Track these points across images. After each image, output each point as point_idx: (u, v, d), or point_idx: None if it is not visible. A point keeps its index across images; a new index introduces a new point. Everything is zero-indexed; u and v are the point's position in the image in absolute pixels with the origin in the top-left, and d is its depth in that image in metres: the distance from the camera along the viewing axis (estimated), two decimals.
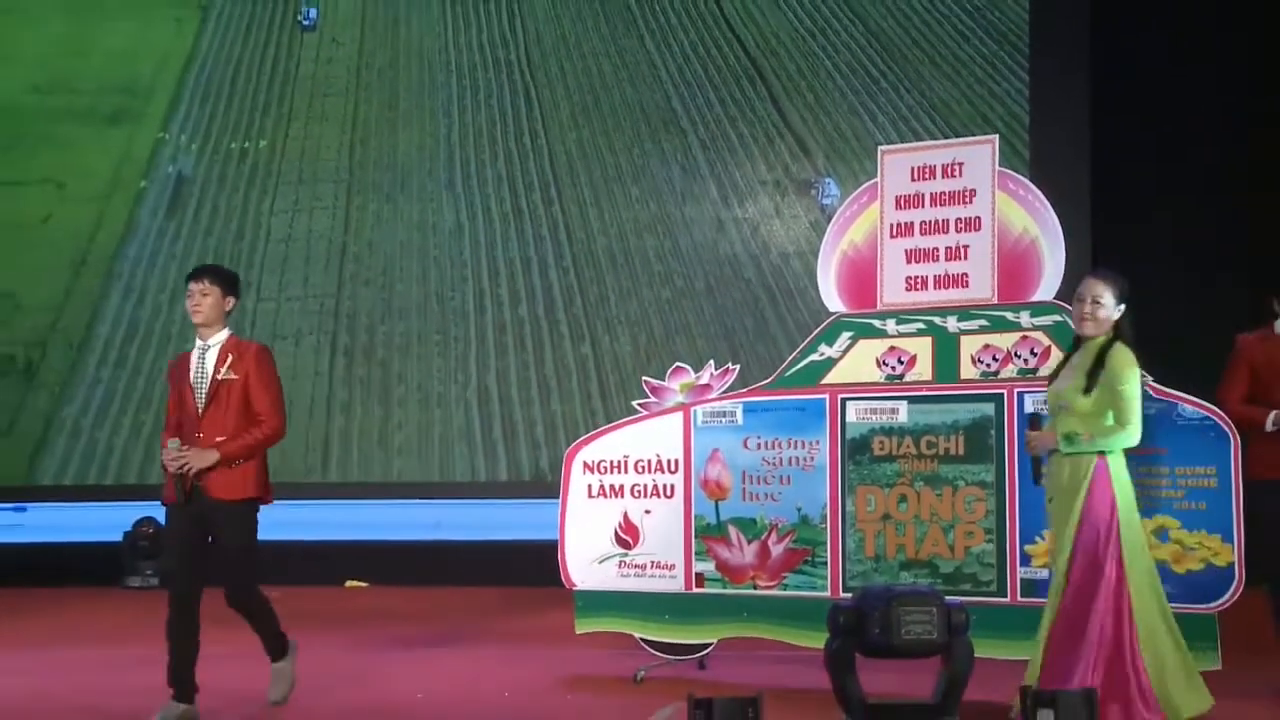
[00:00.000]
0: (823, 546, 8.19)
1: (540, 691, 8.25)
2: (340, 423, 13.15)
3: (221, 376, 7.35)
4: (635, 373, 12.61)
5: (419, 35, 13.72)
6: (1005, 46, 12.82)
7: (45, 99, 13.63)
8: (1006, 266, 7.75)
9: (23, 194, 13.58)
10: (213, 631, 7.45)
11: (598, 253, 13.16)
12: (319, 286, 13.33)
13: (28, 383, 13.28)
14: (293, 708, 8.08)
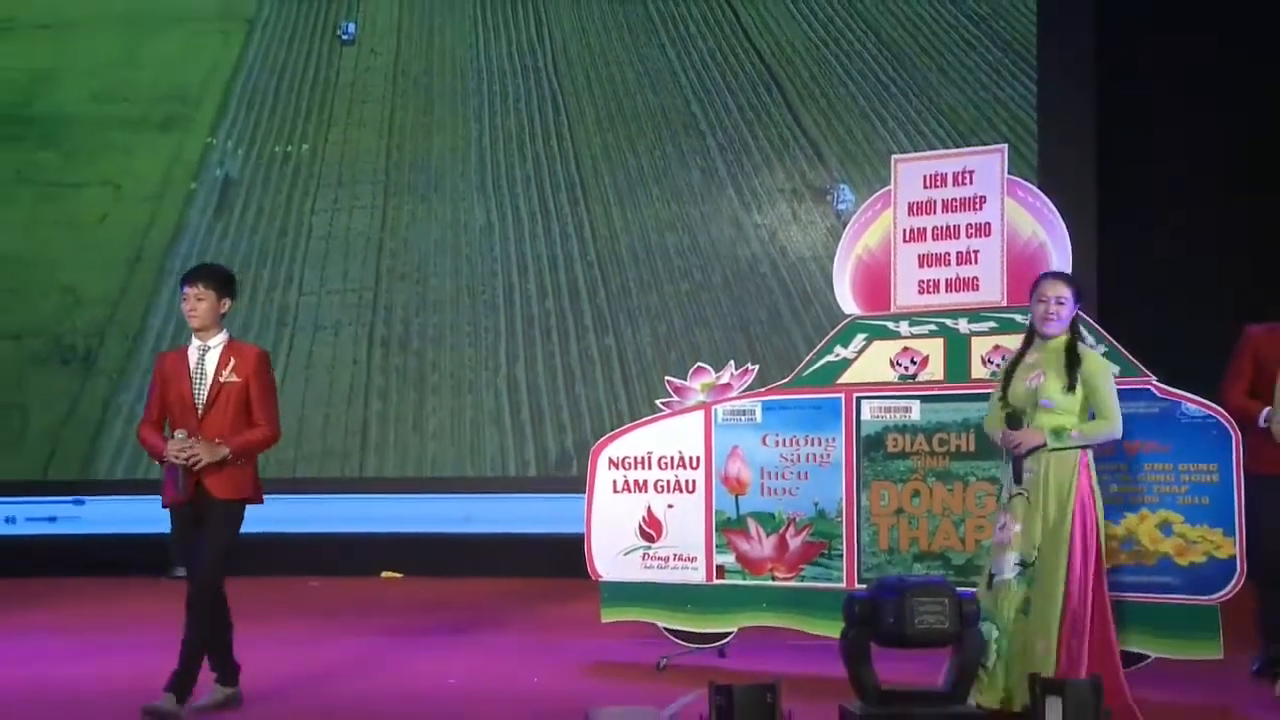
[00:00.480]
0: (839, 540, 8.19)
1: (567, 677, 8.27)
2: (377, 407, 13.28)
3: (224, 380, 7.21)
4: (655, 362, 12.83)
5: (452, 45, 13.76)
6: (1010, 55, 12.76)
7: (102, 108, 13.75)
8: (1015, 270, 7.72)
9: (82, 196, 13.73)
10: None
11: (620, 249, 13.21)
12: (357, 281, 13.44)
13: (87, 369, 13.46)
14: (331, 692, 8.11)
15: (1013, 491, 6.75)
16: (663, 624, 8.59)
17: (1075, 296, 6.90)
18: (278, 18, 13.76)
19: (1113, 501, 7.40)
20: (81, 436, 13.40)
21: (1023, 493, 6.70)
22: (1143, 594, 7.38)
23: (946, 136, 12.66)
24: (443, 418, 13.19)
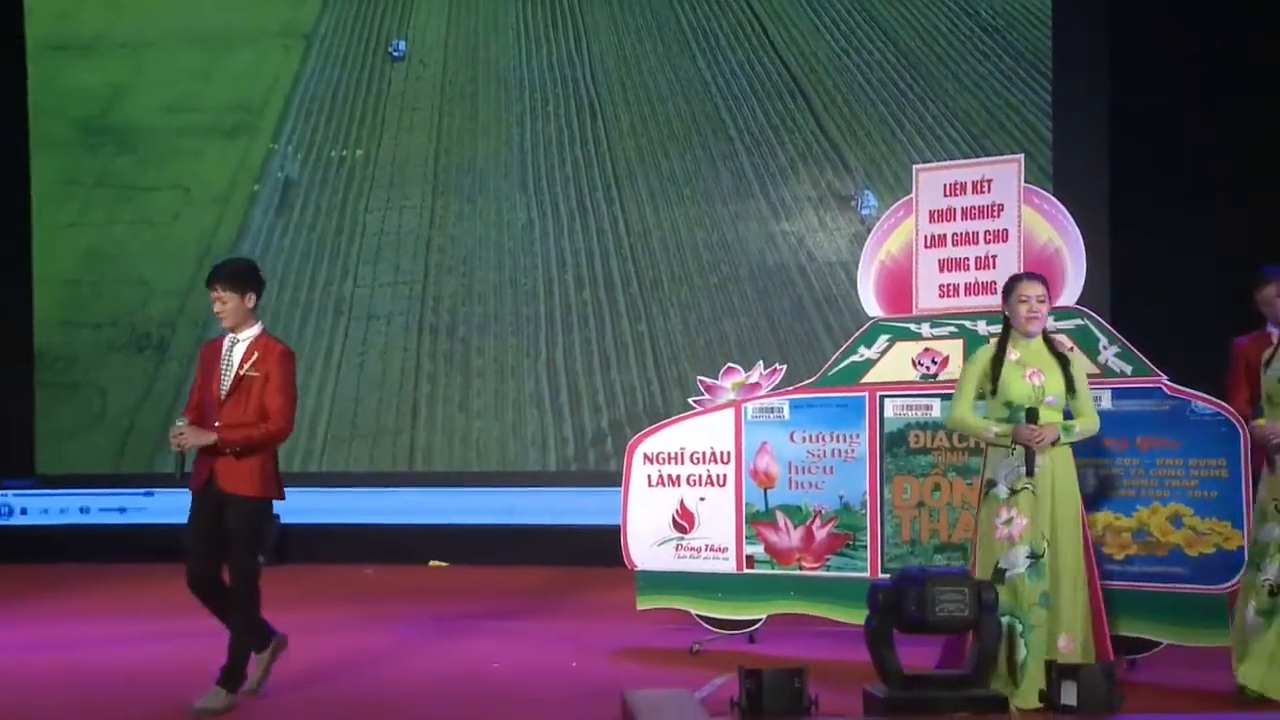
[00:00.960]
0: (863, 531, 8.18)
1: (604, 662, 8.29)
2: (426, 390, 13.58)
3: (244, 372, 7.11)
4: (685, 348, 13.10)
5: (496, 57, 13.93)
6: (1022, 63, 12.82)
7: (175, 117, 14.15)
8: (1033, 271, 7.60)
9: (156, 198, 14.17)
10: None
11: (653, 245, 13.39)
12: (408, 274, 13.73)
13: (160, 356, 13.88)
14: (381, 674, 8.16)
15: (1017, 485, 6.66)
16: (695, 611, 8.59)
17: (1049, 294, 6.92)
18: (334, 34, 14.04)
19: (1125, 495, 7.44)
20: (155, 418, 13.69)
21: (1029, 486, 6.63)
22: (1154, 583, 7.35)
23: (962, 141, 12.75)
24: (487, 399, 13.47)
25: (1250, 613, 6.67)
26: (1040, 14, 12.82)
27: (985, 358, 6.91)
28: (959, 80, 12.97)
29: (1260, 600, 6.64)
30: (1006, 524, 6.68)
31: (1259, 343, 7.71)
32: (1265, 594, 6.64)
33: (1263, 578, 6.66)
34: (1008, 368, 6.79)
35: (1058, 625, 6.56)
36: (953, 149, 12.73)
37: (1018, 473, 6.68)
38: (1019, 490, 6.67)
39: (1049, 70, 12.74)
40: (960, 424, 7.00)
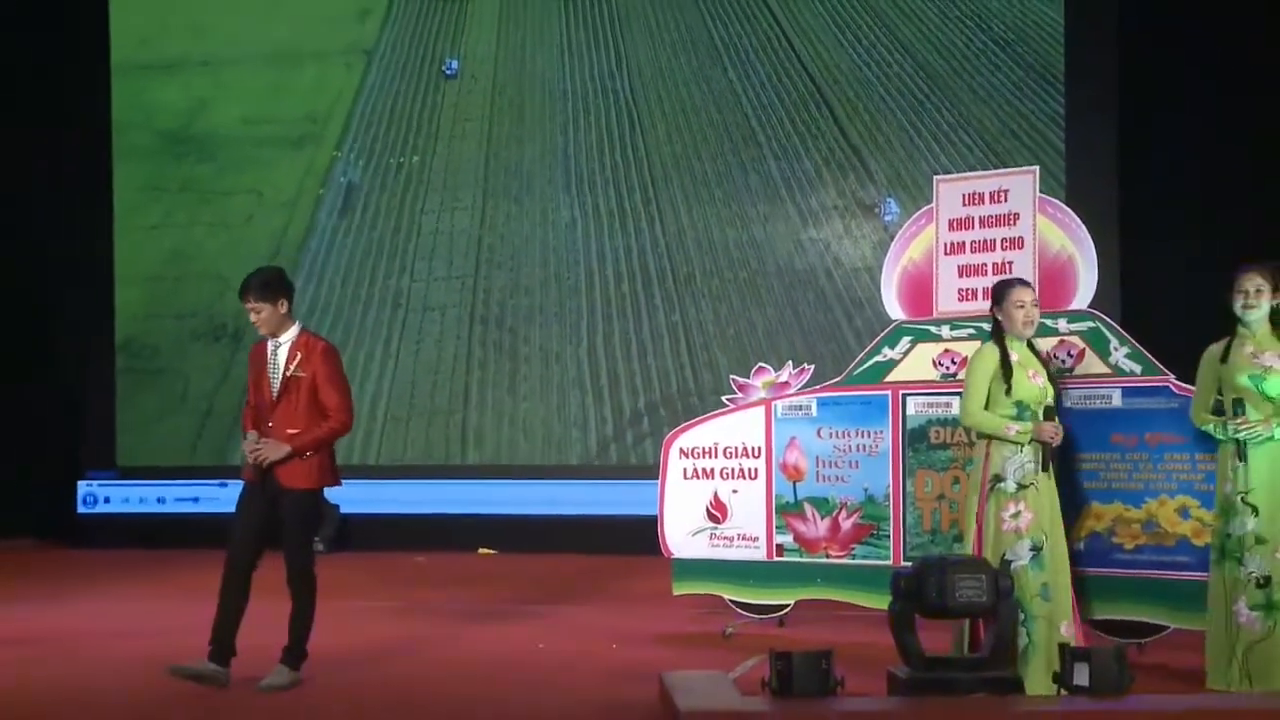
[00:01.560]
0: (886, 522, 8.19)
1: (642, 644, 8.31)
2: (477, 375, 13.83)
3: (291, 373, 7.08)
4: (716, 336, 13.33)
5: (542, 70, 14.08)
6: (1033, 75, 12.87)
7: (250, 128, 14.51)
8: (1046, 280, 7.66)
9: (232, 201, 14.54)
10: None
11: (686, 242, 13.55)
12: (460, 269, 13.98)
13: (235, 344, 14.13)
14: (431, 655, 8.21)
15: (1025, 481, 6.67)
16: (728, 597, 8.64)
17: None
18: (392, 51, 14.32)
19: (1135, 488, 7.43)
20: (230, 399, 14.02)
21: (1035, 483, 6.66)
22: (1163, 571, 7.34)
23: (977, 148, 12.85)
24: (533, 383, 13.70)
25: (1242, 608, 6.58)
26: (1051, 29, 12.87)
27: (995, 360, 6.85)
28: (973, 91, 13.04)
29: (1251, 596, 6.57)
30: (1014, 517, 6.69)
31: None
32: (1254, 587, 6.56)
33: (1246, 572, 6.58)
34: (1016, 369, 6.78)
35: (1057, 614, 6.60)
36: (967, 155, 12.84)
37: (1027, 469, 6.67)
38: (1026, 486, 6.68)
39: (1060, 82, 12.76)
40: (977, 422, 6.92)
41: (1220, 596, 6.67)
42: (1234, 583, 6.61)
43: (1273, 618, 6.52)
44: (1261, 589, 6.55)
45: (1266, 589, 6.55)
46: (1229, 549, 6.66)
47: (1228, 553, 6.66)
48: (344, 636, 8.43)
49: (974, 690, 5.88)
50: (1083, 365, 7.58)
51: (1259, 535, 6.58)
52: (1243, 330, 6.77)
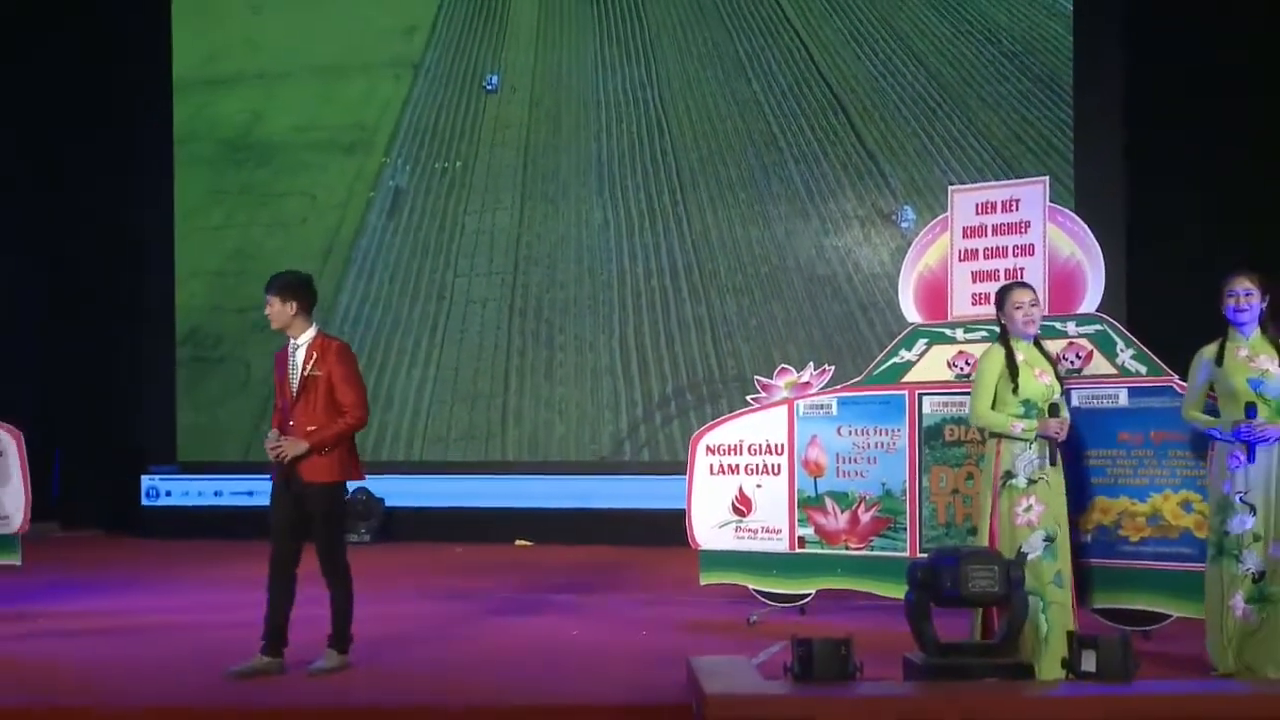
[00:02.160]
0: (903, 515, 8.21)
1: (671, 631, 8.32)
2: (516, 361, 14.02)
3: (308, 373, 7.06)
4: (739, 327, 13.49)
5: (577, 82, 14.20)
6: (1040, 86, 12.91)
7: (304, 135, 14.73)
8: (1056, 285, 7.70)
9: (288, 203, 14.78)
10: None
11: (711, 241, 13.67)
12: (500, 266, 14.16)
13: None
14: (468, 639, 8.25)
15: (1035, 476, 6.66)
16: (752, 586, 8.65)
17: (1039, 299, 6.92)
18: (437, 65, 14.51)
19: (1140, 483, 7.42)
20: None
21: (1044, 477, 6.64)
22: (1167, 562, 7.34)
23: (985, 151, 12.93)
24: (568, 369, 13.86)
25: (1238, 602, 6.54)
26: (1058, 42, 12.91)
27: (1001, 360, 6.83)
28: (983, 100, 13.10)
29: (1247, 590, 6.53)
30: (1026, 511, 6.67)
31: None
32: (1250, 582, 6.52)
33: (1244, 568, 6.53)
34: (1022, 369, 6.76)
35: (1069, 602, 6.62)
36: (978, 160, 12.90)
37: (1035, 464, 6.65)
38: (1036, 480, 6.67)
39: (1068, 93, 12.78)
40: (985, 420, 6.90)
41: (1217, 591, 6.62)
42: (1231, 578, 6.57)
43: (1266, 610, 6.50)
44: (1257, 584, 6.52)
45: (1261, 583, 6.52)
46: (1227, 546, 6.61)
47: (1225, 550, 6.61)
48: (389, 622, 8.48)
49: (986, 676, 5.87)
50: (1091, 366, 7.57)
51: (1256, 533, 6.55)
52: (1234, 333, 6.72)
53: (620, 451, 13.63)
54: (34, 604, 9.75)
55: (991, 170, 12.75)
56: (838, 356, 11.95)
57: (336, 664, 7.06)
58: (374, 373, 13.96)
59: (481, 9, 14.49)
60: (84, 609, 9.66)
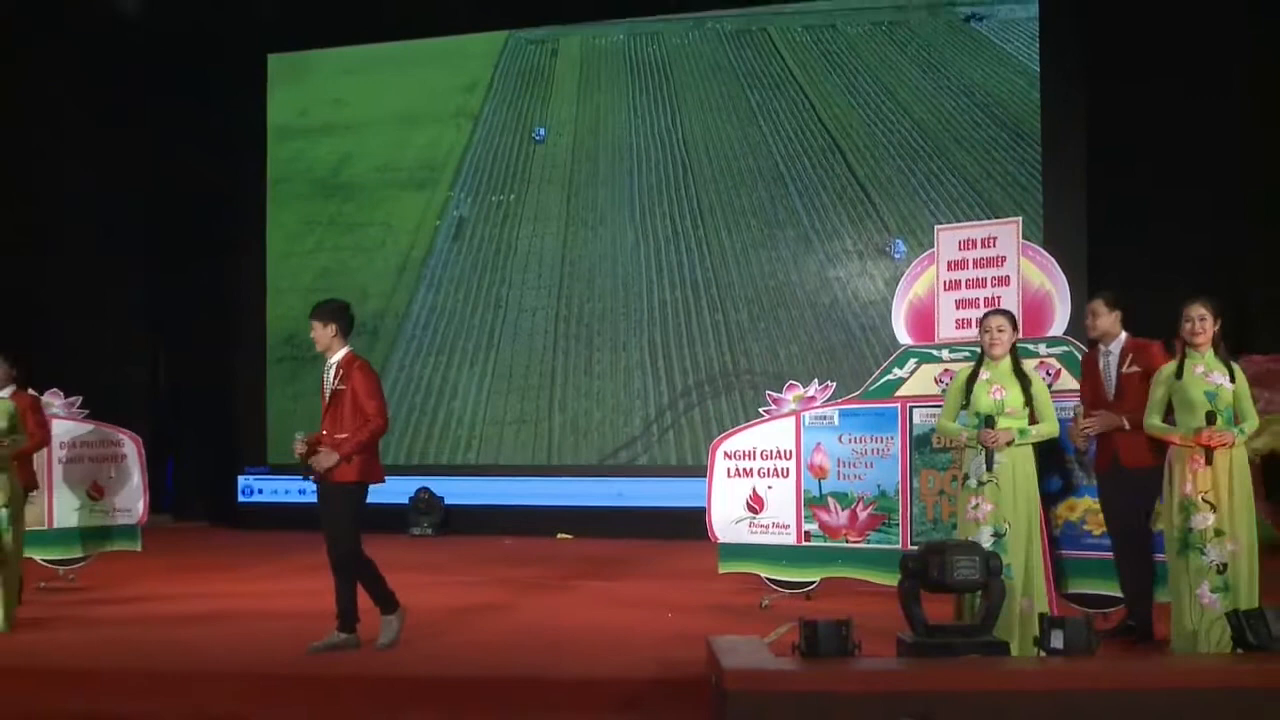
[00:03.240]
0: (896, 513, 8.23)
1: (692, 613, 8.33)
2: (561, 360, 14.23)
3: (335, 387, 7.09)
4: (750, 330, 13.73)
5: (613, 129, 14.43)
6: (1006, 131, 13.09)
7: (383, 174, 15.08)
8: (1028, 311, 7.70)
9: (369, 231, 15.12)
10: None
11: (727, 259, 13.85)
12: (547, 280, 14.43)
13: (373, 338, 14.55)
14: (514, 619, 8.27)
15: (983, 478, 6.64)
16: (764, 574, 8.68)
17: (1013, 326, 6.89)
18: (494, 115, 14.82)
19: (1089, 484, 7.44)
20: None
21: (993, 479, 6.62)
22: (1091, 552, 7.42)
23: (962, 187, 13.11)
24: (604, 365, 14.08)
25: (1205, 591, 6.46)
26: (1024, 95, 13.07)
27: (962, 377, 6.90)
28: (959, 143, 13.27)
29: (1213, 580, 6.46)
30: (975, 509, 6.68)
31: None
32: (1214, 573, 6.46)
33: (1208, 560, 6.45)
34: (979, 385, 6.77)
35: (1016, 590, 6.52)
36: (955, 194, 13.11)
37: (981, 468, 6.67)
38: (985, 483, 6.66)
39: (1035, 138, 12.95)
40: (942, 430, 7.05)
41: (1184, 583, 6.53)
42: (1196, 570, 6.48)
43: (1229, 597, 6.45)
44: (1220, 574, 6.47)
45: (1224, 574, 6.47)
46: (1191, 541, 6.51)
47: (1190, 545, 6.52)
48: (446, 604, 8.61)
49: (968, 652, 5.88)
50: (1059, 382, 7.54)
51: (1218, 528, 6.48)
52: (1191, 352, 6.68)
53: (649, 433, 13.74)
54: (151, 583, 9.97)
55: (967, 202, 12.94)
56: (839, 373, 12.01)
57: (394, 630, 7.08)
58: (441, 369, 14.46)
59: (531, 70, 14.74)
60: (191, 589, 9.81)
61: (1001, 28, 13.17)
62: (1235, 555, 6.49)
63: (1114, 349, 7.25)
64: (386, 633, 7.12)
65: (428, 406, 14.48)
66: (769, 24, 14.02)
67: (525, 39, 14.80)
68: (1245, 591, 6.48)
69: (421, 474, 14.12)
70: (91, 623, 8.22)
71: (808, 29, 13.91)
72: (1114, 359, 7.23)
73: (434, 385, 14.48)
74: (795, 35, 13.94)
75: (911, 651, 5.94)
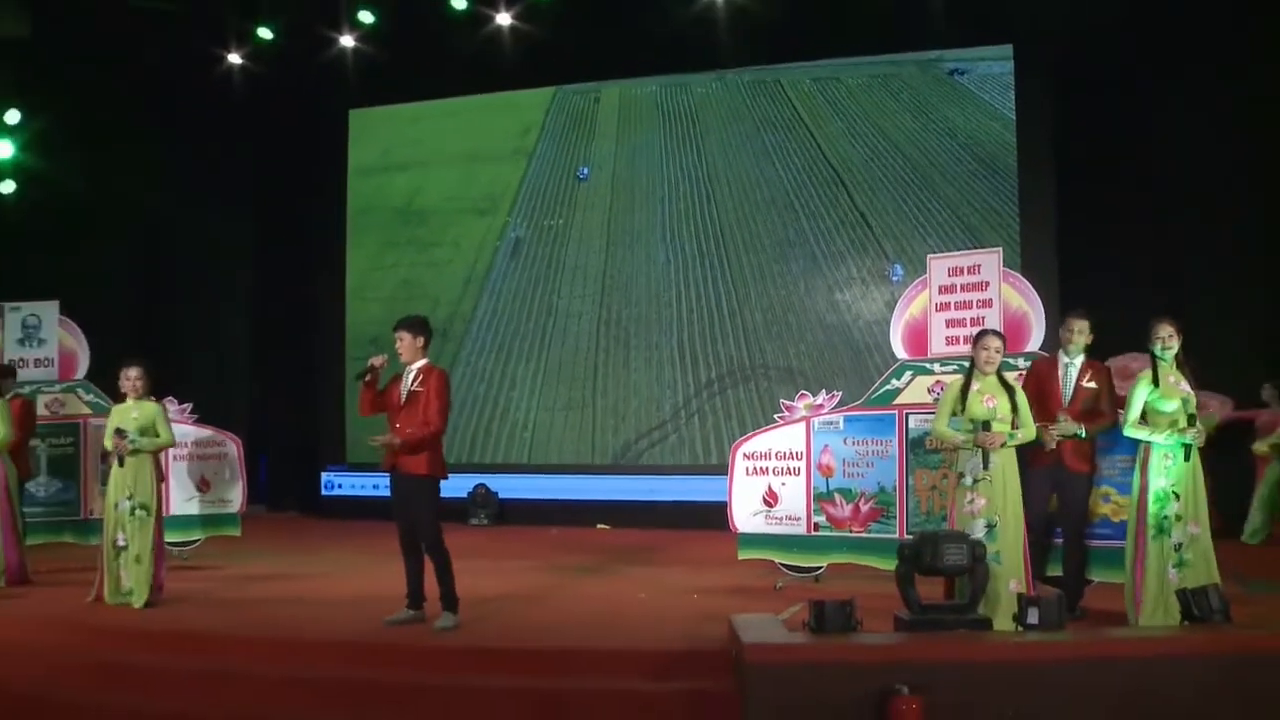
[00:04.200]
0: (894, 506, 8.28)
1: (716, 595, 8.36)
2: (602, 357, 14.36)
3: (414, 389, 7.15)
4: (764, 331, 13.81)
5: (647, 164, 14.60)
6: (984, 166, 13.20)
7: (450, 203, 15.32)
8: (1008, 330, 7.69)
9: (439, 249, 15.31)
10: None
11: (745, 273, 13.96)
12: (591, 291, 14.58)
13: (443, 339, 14.65)
14: (559, 600, 8.30)
15: (979, 476, 6.66)
16: (778, 560, 8.69)
17: (1004, 346, 6.95)
18: (545, 154, 15.02)
19: None
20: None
21: (986, 477, 6.65)
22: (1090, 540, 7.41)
23: (946, 214, 13.24)
24: (639, 361, 14.20)
25: (1169, 569, 6.58)
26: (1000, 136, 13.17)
27: (956, 388, 6.90)
28: (944, 177, 13.35)
29: (1173, 559, 6.60)
30: (970, 504, 6.70)
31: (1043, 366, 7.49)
32: (1173, 552, 6.61)
33: (1173, 542, 6.61)
34: (972, 395, 6.80)
35: (1006, 573, 6.58)
36: (941, 221, 13.21)
37: (977, 467, 6.70)
38: (979, 480, 6.69)
39: (1011, 172, 13.05)
40: (939, 435, 7.03)
41: (1159, 564, 6.66)
42: (1168, 551, 6.65)
43: (1184, 572, 6.58)
44: (1177, 552, 6.62)
45: (1180, 552, 6.62)
46: (1165, 527, 6.67)
47: (1164, 530, 6.67)
48: (499, 587, 8.66)
49: (957, 628, 6.01)
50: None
51: (1178, 514, 6.65)
52: (1161, 364, 6.81)
53: (677, 417, 13.88)
54: (249, 564, 10.15)
55: (952, 228, 13.13)
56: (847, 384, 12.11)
57: (451, 624, 7.11)
58: (501, 364, 14.71)
59: (577, 115, 15.00)
60: (284, 570, 9.94)
61: (980, 80, 13.34)
62: (1195, 538, 6.63)
63: (1076, 362, 7.34)
64: (446, 621, 7.16)
65: (489, 395, 14.69)
66: (781, 76, 14.15)
67: (571, 91, 15.02)
68: (1204, 568, 6.60)
69: (479, 471, 14.27)
70: (212, 599, 8.43)
71: (814, 80, 14.06)
72: (1075, 370, 7.32)
73: (494, 377, 14.71)
74: (804, 86, 14.07)
75: (907, 627, 6.02)
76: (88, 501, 10.35)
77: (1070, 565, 7.37)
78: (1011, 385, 6.91)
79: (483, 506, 14.04)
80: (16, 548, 9.12)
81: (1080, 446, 7.24)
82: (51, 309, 10.60)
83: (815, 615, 5.87)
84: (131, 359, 8.39)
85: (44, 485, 10.34)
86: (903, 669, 5.47)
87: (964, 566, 6.21)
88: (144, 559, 8.01)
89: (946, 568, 6.24)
